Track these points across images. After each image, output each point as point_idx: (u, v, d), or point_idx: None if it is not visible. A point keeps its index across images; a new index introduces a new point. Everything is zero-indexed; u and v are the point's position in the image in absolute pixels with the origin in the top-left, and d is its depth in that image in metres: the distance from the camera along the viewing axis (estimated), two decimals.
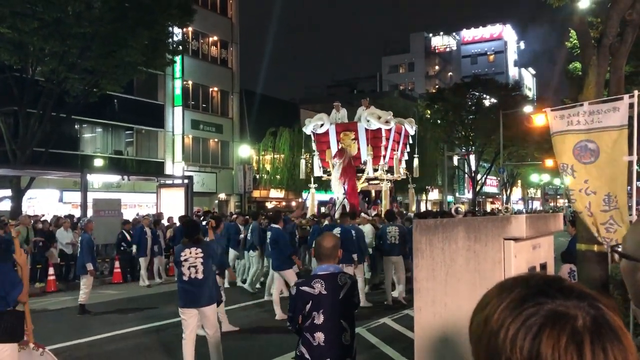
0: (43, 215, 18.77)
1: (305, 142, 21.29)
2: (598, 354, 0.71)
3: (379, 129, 17.41)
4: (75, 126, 26.06)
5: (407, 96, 53.50)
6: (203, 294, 6.16)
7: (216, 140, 33.75)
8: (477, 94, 42.58)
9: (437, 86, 67.20)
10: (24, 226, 13.87)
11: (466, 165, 46.40)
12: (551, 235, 3.37)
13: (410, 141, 19.69)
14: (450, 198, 46.95)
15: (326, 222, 13.34)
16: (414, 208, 19.97)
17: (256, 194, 35.09)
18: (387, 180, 18.17)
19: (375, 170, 17.52)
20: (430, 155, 38.39)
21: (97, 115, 25.61)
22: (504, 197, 51.41)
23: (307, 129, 18.82)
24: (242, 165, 31.97)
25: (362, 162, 17.52)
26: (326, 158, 18.21)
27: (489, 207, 55.56)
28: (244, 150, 33.05)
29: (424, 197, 46.23)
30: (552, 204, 66.69)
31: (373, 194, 19.05)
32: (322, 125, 18.22)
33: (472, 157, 44.79)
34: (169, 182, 22.22)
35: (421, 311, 2.96)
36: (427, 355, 2.88)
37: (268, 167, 33.12)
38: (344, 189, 16.82)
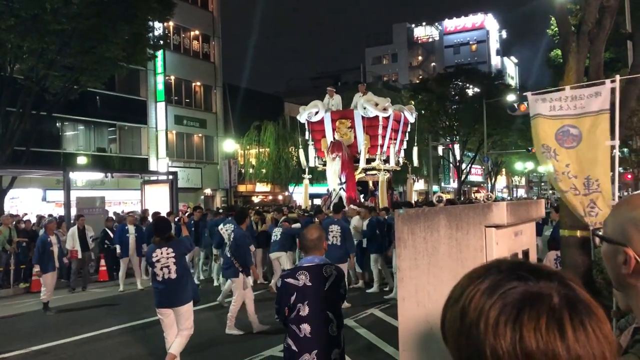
0: (26, 215, 18.56)
1: (300, 132, 20.50)
2: (578, 329, 0.72)
3: (376, 117, 16.66)
4: (57, 124, 25.74)
5: (391, 87, 53.52)
6: (177, 294, 6.06)
7: (200, 135, 33.55)
8: (460, 83, 42.81)
9: (420, 77, 67.40)
10: (6, 226, 13.70)
11: (451, 155, 46.66)
12: (533, 222, 3.38)
13: (409, 129, 18.99)
14: (435, 188, 47.20)
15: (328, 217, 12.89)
16: (413, 198, 19.30)
17: (242, 188, 34.98)
18: (384, 170, 17.53)
19: (372, 160, 16.92)
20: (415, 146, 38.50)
21: (79, 112, 25.31)
22: (489, 185, 51.79)
23: (302, 117, 18.03)
24: (227, 160, 31.85)
25: (358, 151, 16.90)
26: (322, 147, 17.61)
27: (474, 196, 55.95)
28: (229, 145, 32.90)
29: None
30: (536, 189, 67.32)
31: (371, 184, 18.34)
32: (316, 112, 17.45)
33: (456, 147, 45.04)
34: (154, 178, 22.04)
35: (405, 301, 2.96)
36: (411, 344, 2.88)
37: (253, 161, 33.02)
38: (342, 182, 16.43)
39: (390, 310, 9.14)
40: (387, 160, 17.51)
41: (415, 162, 19.04)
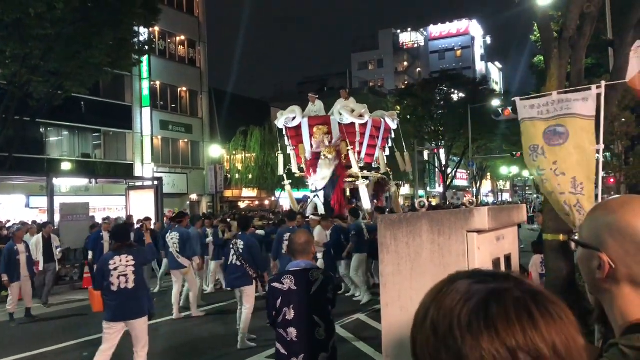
0: (9, 222, 18.34)
1: (278, 138, 20.34)
2: (545, 315, 0.73)
3: (353, 124, 16.40)
4: (41, 129, 25.49)
5: (377, 92, 53.73)
6: (133, 306, 5.69)
7: (186, 140, 33.41)
8: (445, 89, 43.11)
9: (406, 82, 67.74)
10: None
11: (436, 160, 46.92)
12: (515, 226, 3.41)
13: (393, 135, 18.66)
14: (421, 192, 47.41)
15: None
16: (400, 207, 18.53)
17: (228, 193, 34.86)
18: (363, 177, 17.12)
19: (349, 167, 16.58)
20: (401, 151, 38.65)
21: (63, 118, 25.08)
22: (474, 190, 52.11)
23: (279, 123, 17.76)
24: (213, 166, 31.72)
25: (343, 155, 16.51)
26: (299, 153, 17.30)
27: (462, 201, 56.23)
28: (215, 150, 32.79)
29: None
30: (522, 193, 67.87)
31: (348, 192, 17.77)
32: (294, 118, 17.17)
33: (442, 152, 45.30)
34: (139, 184, 21.90)
35: (388, 306, 2.97)
36: (394, 349, 2.88)
37: (239, 166, 32.92)
38: (317, 190, 16.07)
39: (376, 315, 9.16)
40: (366, 168, 17.28)
41: (403, 167, 18.51)
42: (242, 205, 36.05)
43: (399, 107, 44.06)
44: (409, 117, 42.81)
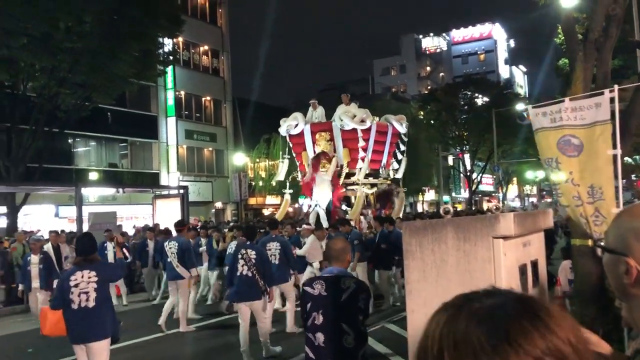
0: (39, 231, 18.71)
1: (281, 146, 19.74)
2: (550, 315, 0.75)
3: (354, 130, 15.87)
4: (69, 140, 26.01)
5: (400, 98, 53.60)
6: (93, 327, 5.11)
7: (210, 149, 33.73)
8: (469, 93, 42.83)
9: (429, 87, 67.42)
10: (19, 243, 13.82)
11: (461, 165, 46.55)
12: (541, 232, 3.38)
13: (406, 139, 17.95)
14: (446, 198, 47.03)
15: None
16: (400, 213, 17.46)
17: (252, 201, 35.06)
18: (370, 184, 16.60)
19: (353, 174, 16.05)
20: (425, 156, 38.46)
21: (91, 128, 25.55)
22: (501, 195, 51.53)
23: (282, 130, 17.44)
24: (237, 173, 31.95)
25: (339, 165, 16.04)
26: (302, 161, 16.87)
27: (485, 206, 55.64)
28: (239, 158, 33.05)
29: (420, 197, 46.31)
30: (549, 200, 66.77)
31: (353, 199, 16.80)
32: (296, 125, 16.81)
33: (466, 157, 44.94)
34: (165, 192, 22.17)
35: (414, 313, 2.97)
36: None
37: (263, 174, 33.10)
38: (331, 197, 15.66)
39: (401, 323, 9.11)
40: (372, 175, 16.69)
41: (399, 174, 17.87)
42: (266, 212, 36.21)
43: (422, 113, 43.90)
44: (432, 122, 42.63)
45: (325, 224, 13.98)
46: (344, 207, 16.06)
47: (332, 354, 3.66)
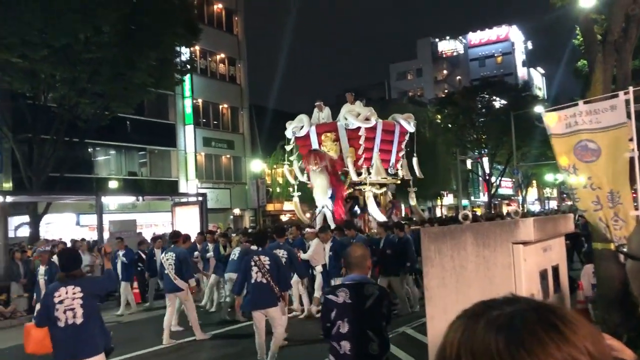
0: (61, 240, 18.95)
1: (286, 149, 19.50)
2: (568, 324, 0.74)
3: (359, 128, 15.61)
4: (89, 150, 26.35)
5: (417, 102, 53.45)
6: (83, 344, 4.88)
7: (228, 156, 33.92)
8: (486, 96, 42.54)
9: (446, 91, 67.14)
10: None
11: (480, 168, 46.20)
12: (562, 236, 3.34)
13: (411, 138, 17.47)
14: (465, 202, 46.69)
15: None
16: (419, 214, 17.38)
17: (270, 207, 35.14)
18: (378, 184, 16.28)
19: (359, 174, 15.77)
20: (443, 160, 38.24)
21: (110, 137, 25.86)
22: (520, 198, 51.02)
23: (288, 132, 17.34)
24: (254, 180, 32.07)
25: (346, 165, 15.83)
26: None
27: (505, 210, 55.15)
28: (256, 165, 33.18)
29: (439, 202, 46.04)
30: (569, 203, 65.86)
31: (362, 200, 16.61)
32: (301, 127, 16.71)
33: (485, 160, 44.59)
34: (184, 200, 22.35)
35: (433, 320, 2.95)
36: None
37: (280, 180, 33.16)
38: (332, 197, 15.40)
39: (421, 328, 9.05)
40: (379, 173, 16.32)
41: (418, 173, 17.44)
42: (284, 218, 36.29)
43: (439, 116, 43.68)
44: (450, 125, 42.40)
45: (332, 224, 13.86)
46: (356, 208, 15.91)
47: None
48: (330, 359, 3.78)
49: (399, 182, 17.29)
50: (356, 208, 15.97)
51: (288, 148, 17.60)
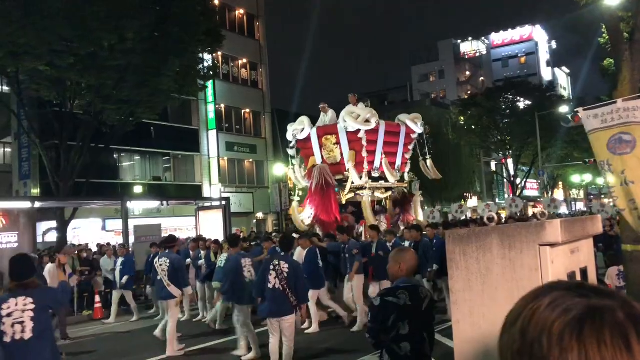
0: (87, 245, 19.25)
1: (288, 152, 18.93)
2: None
3: (359, 131, 14.91)
4: (114, 155, 26.74)
5: (440, 104, 53.10)
6: None
7: (251, 160, 34.11)
8: (510, 97, 42.07)
9: (469, 92, 66.57)
10: (69, 256, 14.23)
11: (504, 170, 45.66)
12: (590, 238, 3.27)
13: (421, 140, 16.73)
14: (490, 204, 46.13)
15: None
16: (420, 218, 16.34)
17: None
18: (384, 188, 15.65)
19: (360, 177, 15.03)
20: (467, 162, 37.91)
21: (135, 143, 26.21)
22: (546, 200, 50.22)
23: (289, 135, 16.79)
24: (277, 184, 32.19)
25: (347, 169, 15.16)
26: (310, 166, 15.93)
27: (530, 211, 54.40)
28: (279, 169, 33.28)
29: (463, 204, 45.65)
30: (597, 203, 64.61)
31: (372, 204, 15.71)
32: (302, 130, 16.11)
33: (509, 162, 44.07)
34: (207, 204, 22.53)
35: (459, 323, 2.92)
36: None
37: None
38: (312, 213, 14.84)
39: (446, 332, 8.95)
40: (382, 177, 15.68)
41: (433, 174, 16.71)
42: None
43: (462, 118, 43.34)
44: (473, 127, 42.03)
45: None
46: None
47: None
48: None
49: (405, 185, 16.56)
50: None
51: (290, 152, 16.89)
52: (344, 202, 15.26)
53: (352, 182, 14.99)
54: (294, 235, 11.40)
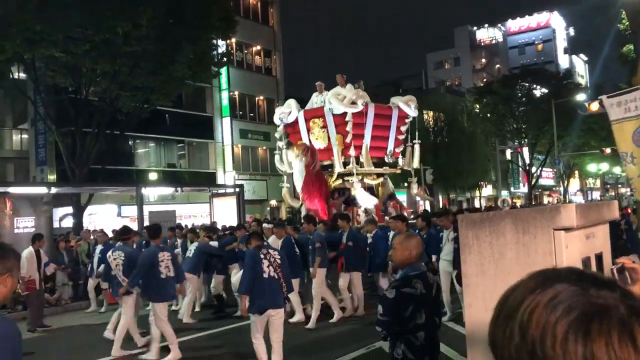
0: (102, 230, 19.43)
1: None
2: None
3: (345, 114, 14.21)
4: (129, 142, 26.92)
5: (455, 91, 52.65)
6: None
7: (264, 148, 34.12)
8: (527, 84, 41.63)
9: (484, 80, 65.94)
10: (85, 241, 14.40)
11: (520, 159, 45.29)
12: (606, 224, 3.23)
13: (412, 124, 16.06)
14: (505, 193, 45.88)
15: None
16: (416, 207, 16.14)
17: None
18: (375, 174, 15.15)
19: (348, 163, 14.41)
20: (482, 150, 37.63)
21: (150, 130, 26.34)
22: (562, 189, 49.85)
23: (275, 119, 16.30)
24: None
25: (332, 154, 14.65)
26: None
27: (545, 200, 53.98)
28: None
29: (477, 193, 45.39)
30: (612, 194, 63.97)
31: (352, 192, 15.14)
32: (289, 113, 15.60)
33: (525, 150, 43.70)
34: (221, 191, 22.62)
35: (471, 307, 2.90)
36: (479, 350, 2.81)
37: None
38: (302, 200, 14.58)
39: (457, 318, 8.95)
40: (378, 164, 15.20)
41: (415, 164, 16.08)
42: None
43: (477, 106, 42.97)
44: (489, 115, 41.68)
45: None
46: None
47: (431, 349, 3.73)
48: (402, 351, 3.63)
49: (398, 171, 16.04)
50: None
51: (277, 135, 16.31)
52: (331, 189, 14.68)
53: (338, 168, 14.42)
54: (266, 225, 11.12)
